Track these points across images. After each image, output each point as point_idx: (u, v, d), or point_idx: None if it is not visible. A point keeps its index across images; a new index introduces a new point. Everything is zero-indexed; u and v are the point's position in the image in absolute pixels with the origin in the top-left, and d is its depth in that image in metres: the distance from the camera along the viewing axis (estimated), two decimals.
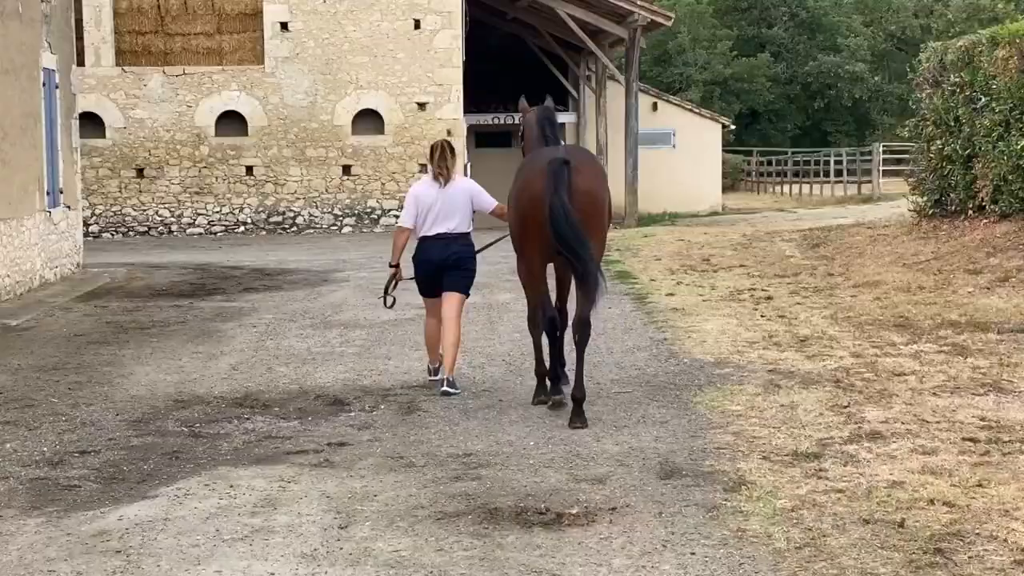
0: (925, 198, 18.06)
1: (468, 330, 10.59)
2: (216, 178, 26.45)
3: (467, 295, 8.70)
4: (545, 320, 7.94)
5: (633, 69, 27.43)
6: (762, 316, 11.70)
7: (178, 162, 26.37)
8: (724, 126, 34.47)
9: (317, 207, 26.61)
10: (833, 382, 8.47)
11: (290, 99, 26.31)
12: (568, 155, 7.77)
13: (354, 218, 26.67)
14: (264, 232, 26.47)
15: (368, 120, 26.50)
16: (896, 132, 17.90)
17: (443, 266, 8.48)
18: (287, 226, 26.58)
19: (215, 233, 26.42)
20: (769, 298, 12.94)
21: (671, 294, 13.71)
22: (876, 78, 61.00)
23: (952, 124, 16.87)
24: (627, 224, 26.51)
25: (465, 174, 22.15)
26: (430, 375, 8.83)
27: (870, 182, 33.30)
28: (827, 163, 38.70)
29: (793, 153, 48.83)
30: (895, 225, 19.24)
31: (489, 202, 8.69)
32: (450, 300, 8.54)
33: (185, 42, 26.43)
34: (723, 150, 35.78)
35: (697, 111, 34.70)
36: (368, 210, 26.66)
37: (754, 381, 8.60)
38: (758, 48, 61.53)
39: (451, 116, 26.44)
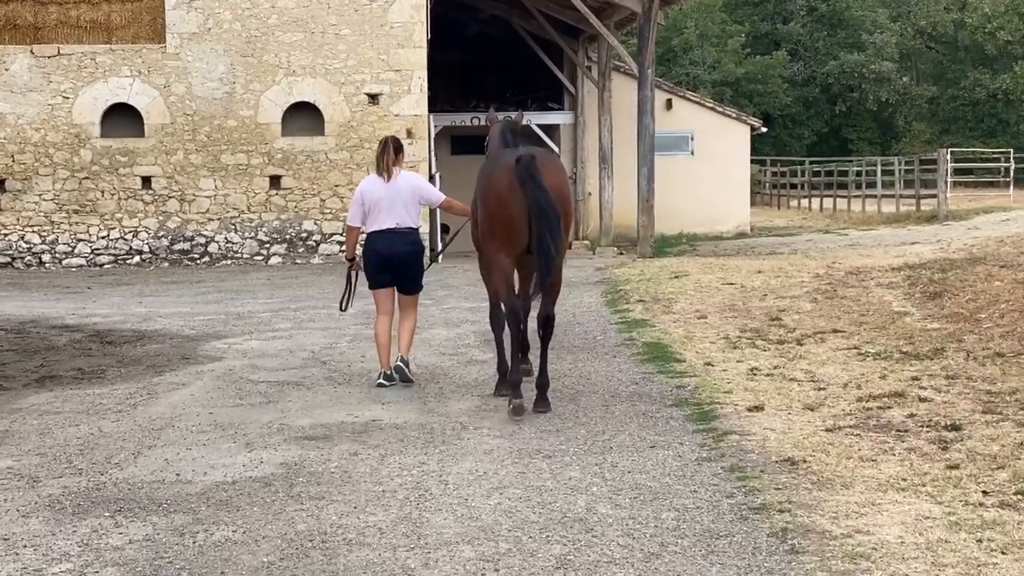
0: None
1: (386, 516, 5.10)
2: (102, 192, 20.36)
3: (421, 288, 8.98)
4: (510, 314, 7.83)
5: (648, 52, 21.32)
6: (985, 494, 5.58)
7: (51, 171, 20.26)
8: (753, 128, 28.49)
9: (236, 231, 20.46)
10: None
11: (200, 88, 20.21)
12: (532, 152, 7.77)
13: (285, 245, 20.53)
14: (167, 263, 20.34)
15: (303, 116, 20.47)
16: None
17: (396, 261, 8.59)
18: (197, 255, 20.43)
19: (100, 265, 20.28)
20: (954, 428, 6.83)
21: (757, 407, 7.61)
22: (904, 79, 55.14)
23: None
24: (641, 252, 20.39)
25: (433, 183, 16.68)
26: (379, 379, 8.54)
27: (934, 197, 27.25)
28: (871, 173, 32.57)
29: (820, 162, 42.83)
30: None
31: (437, 196, 8.90)
32: (406, 297, 8.83)
33: (62, 13, 20.35)
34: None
35: (720, 110, 28.71)
36: (303, 234, 20.52)
37: None
38: (773, 46, 55.80)
39: (411, 111, 20.36)
